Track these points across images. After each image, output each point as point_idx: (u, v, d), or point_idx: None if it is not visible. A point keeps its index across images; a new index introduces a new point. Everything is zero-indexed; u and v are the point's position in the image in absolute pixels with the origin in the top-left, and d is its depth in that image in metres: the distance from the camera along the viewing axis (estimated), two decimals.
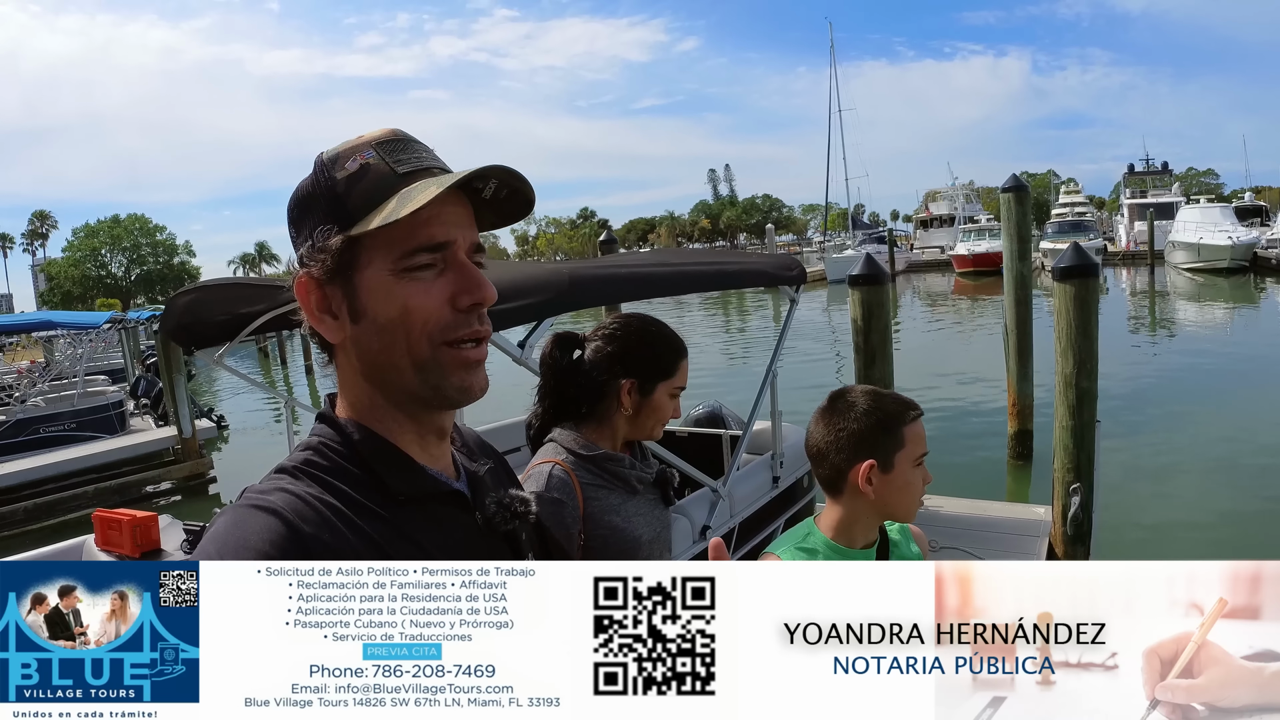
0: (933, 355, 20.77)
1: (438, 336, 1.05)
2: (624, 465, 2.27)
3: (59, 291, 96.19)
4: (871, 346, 7.43)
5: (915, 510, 2.01)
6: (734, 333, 33.99)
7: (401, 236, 1.03)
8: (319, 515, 0.98)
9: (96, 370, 22.12)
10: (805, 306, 5.05)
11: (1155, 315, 29.00)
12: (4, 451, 13.62)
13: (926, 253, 66.00)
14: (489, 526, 1.15)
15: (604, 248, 13.47)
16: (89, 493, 12.65)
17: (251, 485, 1.05)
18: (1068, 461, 6.62)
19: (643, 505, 2.30)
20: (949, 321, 31.55)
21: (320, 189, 1.07)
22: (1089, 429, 6.57)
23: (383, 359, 1.07)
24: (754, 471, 5.94)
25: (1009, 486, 10.19)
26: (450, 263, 1.06)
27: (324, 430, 1.11)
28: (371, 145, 1.07)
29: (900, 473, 1.94)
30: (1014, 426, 10.59)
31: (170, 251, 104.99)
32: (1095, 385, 6.64)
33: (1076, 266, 6.66)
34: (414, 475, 1.10)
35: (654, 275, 5.17)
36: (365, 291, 1.05)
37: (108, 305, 70.23)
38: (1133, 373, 16.77)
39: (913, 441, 1.95)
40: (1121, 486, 9.24)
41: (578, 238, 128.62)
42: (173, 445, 14.31)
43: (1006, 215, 10.99)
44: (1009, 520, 6.94)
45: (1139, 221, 51.82)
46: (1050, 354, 6.79)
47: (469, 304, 1.06)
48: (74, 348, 20.86)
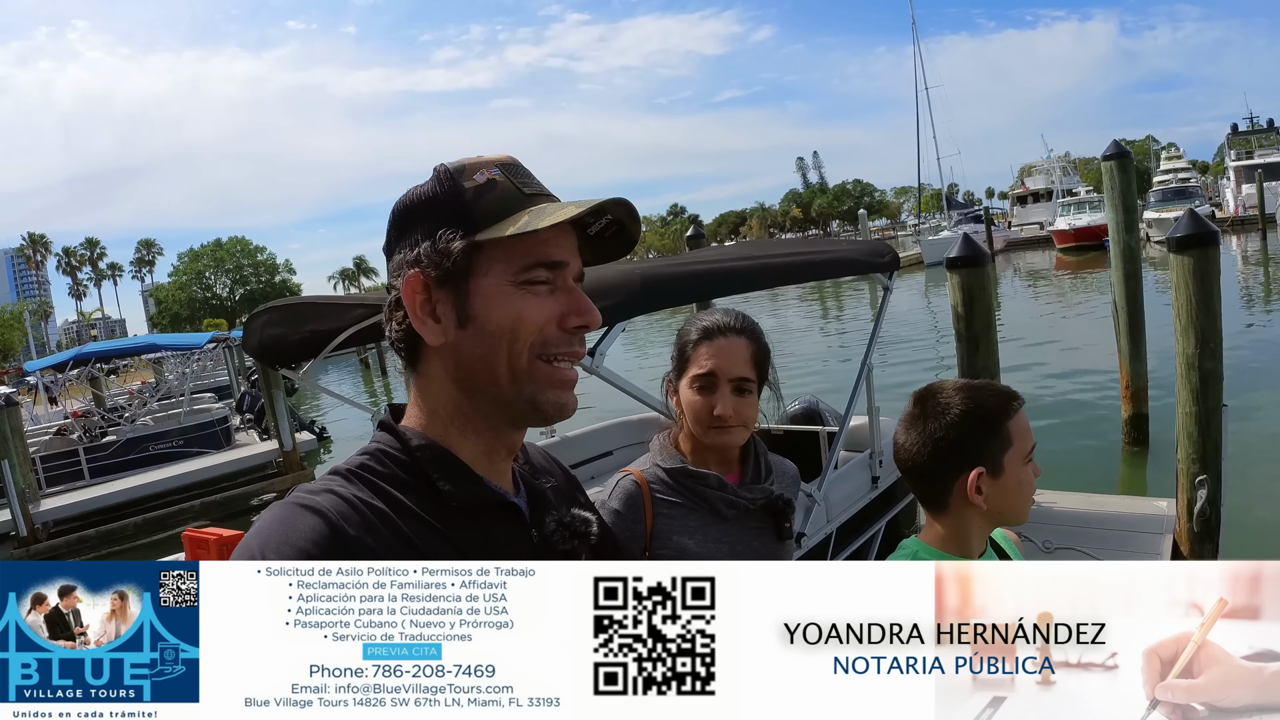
0: (1037, 337, 19.68)
1: (539, 349, 1.09)
2: (708, 484, 2.05)
3: (167, 314, 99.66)
4: (974, 333, 6.84)
5: (1029, 510, 1.77)
6: (832, 321, 33.00)
7: (524, 250, 1.07)
8: (364, 520, 0.98)
9: (204, 388, 22.95)
10: (902, 292, 4.90)
11: (1270, 285, 27.57)
12: (115, 470, 14.21)
13: (1025, 230, 64.52)
14: (545, 544, 1.15)
15: (691, 243, 13.15)
16: (195, 507, 13.07)
17: (303, 484, 1.06)
18: (1192, 451, 6.09)
19: (736, 532, 2.07)
20: (1052, 301, 30.21)
21: (444, 196, 1.10)
22: (1215, 415, 6.05)
23: (481, 366, 1.09)
24: (851, 472, 5.65)
25: (1124, 475, 9.69)
26: (562, 284, 1.11)
27: (383, 437, 1.13)
28: (496, 165, 1.12)
29: (1011, 474, 1.71)
30: (1128, 410, 10.04)
31: (271, 271, 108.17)
32: (1220, 367, 6.09)
33: (1194, 235, 6.07)
34: (469, 484, 1.10)
35: (731, 271, 4.89)
36: (479, 297, 1.08)
37: (214, 325, 72.18)
38: (1250, 349, 15.26)
39: (1020, 437, 1.72)
40: (1246, 477, 8.30)
41: (668, 235, 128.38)
42: (275, 458, 14.68)
43: (1110, 185, 10.35)
44: (1128, 516, 6.35)
45: (1247, 184, 49.62)
46: (1161, 333, 6.27)
47: (576, 325, 1.11)
48: (181, 368, 21.62)
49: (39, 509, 12.77)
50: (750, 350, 2.06)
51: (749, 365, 2.05)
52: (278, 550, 0.93)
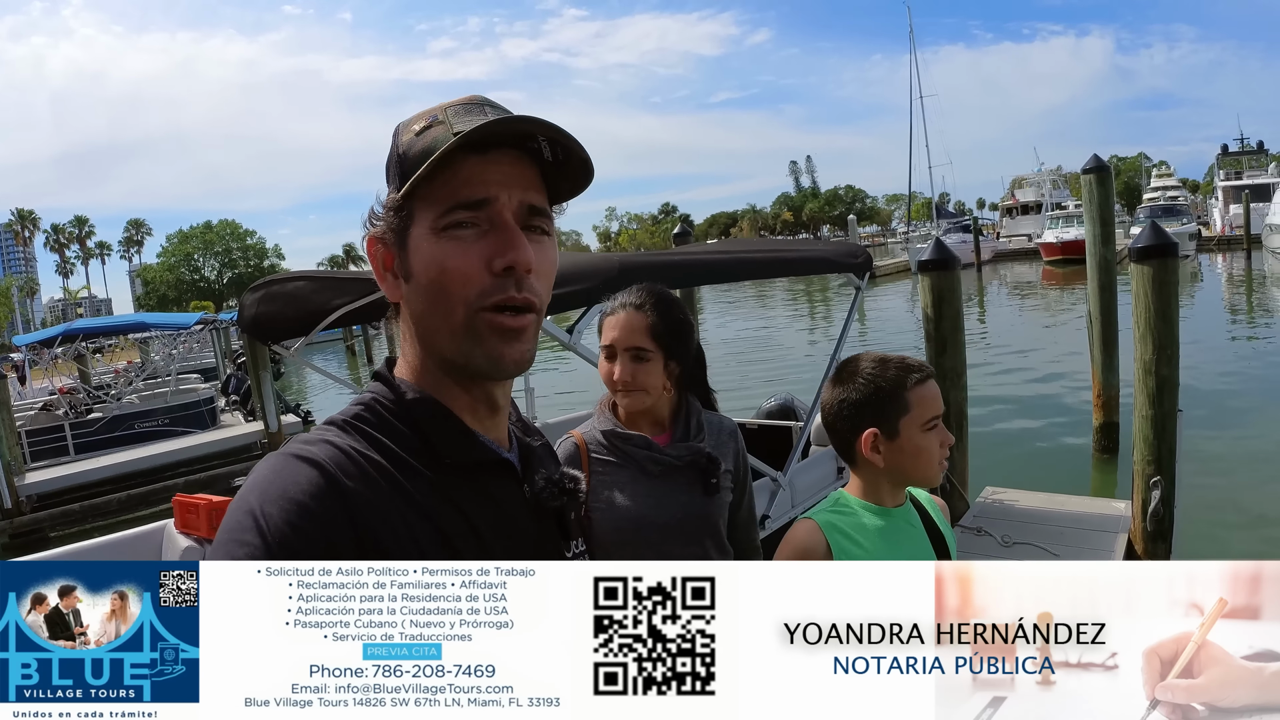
0: (1020, 345, 20.21)
1: (474, 301, 1.02)
2: (634, 444, 2.24)
3: (155, 295, 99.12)
4: (943, 334, 7.20)
5: (935, 473, 1.96)
6: (818, 322, 33.54)
7: (443, 195, 1.01)
8: (361, 470, 0.96)
9: (190, 369, 22.93)
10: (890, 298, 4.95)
11: (1252, 303, 27.91)
12: (101, 446, 14.27)
13: (1014, 241, 64.75)
14: (537, 500, 1.13)
15: (677, 240, 13.33)
16: (179, 485, 13.00)
17: (299, 434, 1.04)
18: (1148, 454, 6.36)
19: (663, 488, 2.23)
20: (1037, 311, 30.67)
21: (391, 152, 1.08)
22: (1170, 419, 6.30)
23: (425, 322, 1.06)
24: (817, 462, 5.91)
25: (1094, 480, 9.89)
26: (494, 223, 1.02)
27: (378, 388, 1.11)
28: (445, 108, 1.06)
29: (908, 438, 1.91)
30: (1099, 418, 10.25)
31: (260, 255, 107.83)
32: (1176, 373, 6.33)
33: (1154, 246, 6.35)
34: (464, 440, 1.07)
35: (705, 262, 5.13)
36: (413, 251, 1.04)
37: (201, 307, 71.79)
38: (1228, 363, 16.05)
39: (919, 405, 1.91)
40: (1210, 481, 8.88)
41: (659, 233, 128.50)
42: (259, 439, 14.69)
43: (1088, 198, 10.61)
44: (1087, 515, 6.71)
45: (1234, 204, 50.41)
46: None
47: (501, 266, 1.01)
48: (168, 348, 21.55)
49: (24, 482, 12.81)
50: (646, 322, 2.25)
51: (644, 335, 2.24)
52: (276, 502, 0.91)
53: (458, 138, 0.98)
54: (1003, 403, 13.80)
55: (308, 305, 4.82)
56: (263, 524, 0.91)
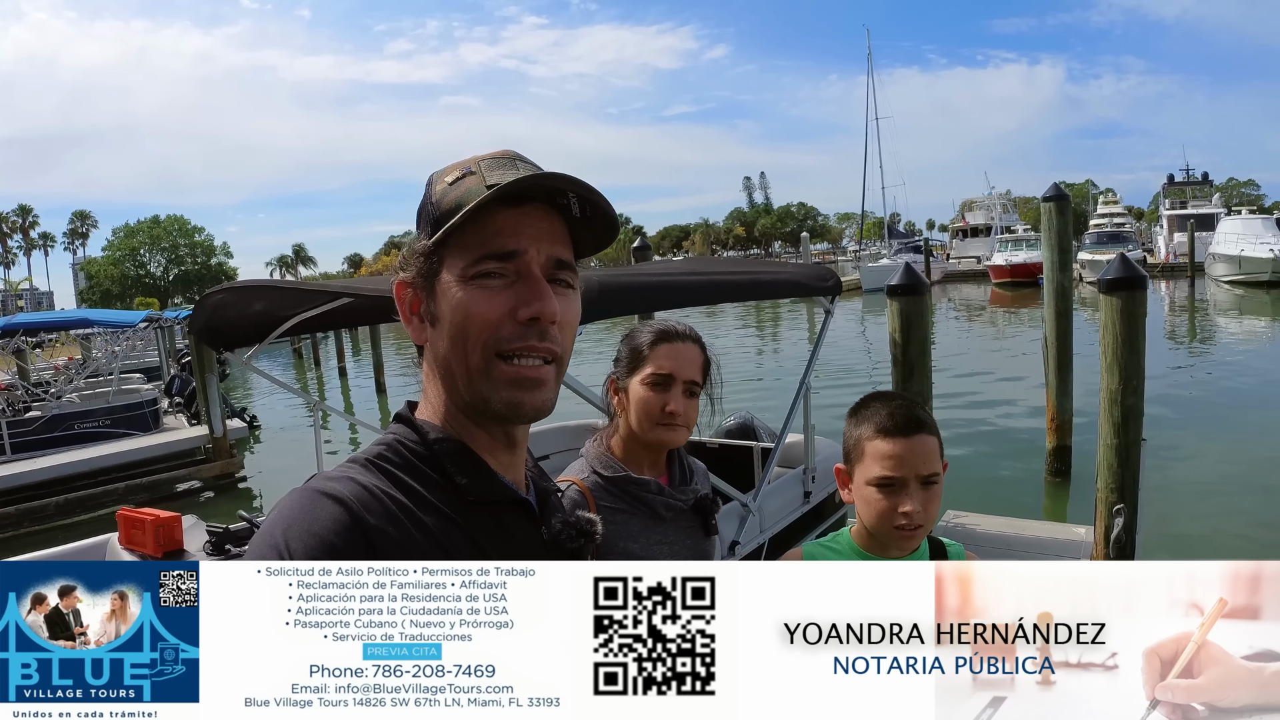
0: (969, 368, 20.33)
1: (492, 346, 1.06)
2: (649, 490, 2.15)
3: (98, 290, 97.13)
4: (910, 359, 7.18)
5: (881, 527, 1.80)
6: (768, 342, 33.67)
7: (474, 244, 1.06)
8: (384, 509, 0.98)
9: (133, 369, 22.36)
10: (839, 316, 4.94)
11: (1195, 329, 28.44)
12: (39, 446, 13.79)
13: (963, 263, 65.64)
14: (555, 542, 1.15)
15: (637, 254, 13.48)
16: (120, 489, 12.75)
17: (321, 471, 1.06)
18: (1111, 481, 6.39)
19: (671, 533, 2.17)
20: (986, 333, 31.03)
21: (424, 200, 1.13)
22: (1134, 448, 6.35)
23: (447, 364, 1.10)
24: (785, 485, 5.90)
25: (1046, 505, 9.93)
26: (522, 275, 1.07)
27: (400, 429, 1.13)
28: (478, 161, 1.11)
29: (857, 488, 1.84)
30: (1052, 442, 10.32)
31: (208, 252, 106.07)
32: (1141, 403, 6.41)
33: (1124, 279, 6.38)
34: (486, 479, 1.10)
35: (685, 284, 5.18)
36: (440, 296, 1.09)
37: (146, 304, 70.76)
38: (1172, 388, 16.26)
39: (871, 458, 1.80)
40: (1162, 506, 8.88)
41: (616, 245, 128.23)
42: (204, 444, 14.36)
43: (1047, 225, 10.78)
44: (1048, 540, 6.70)
45: (1179, 233, 51.43)
46: (1089, 368, 6.55)
47: (527, 316, 1.06)
48: (110, 346, 21.10)
49: None
50: (701, 359, 2.21)
51: (699, 371, 2.20)
52: (300, 538, 0.92)
53: (492, 190, 1.03)
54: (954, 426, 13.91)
55: (263, 315, 4.81)
56: (287, 558, 0.92)
